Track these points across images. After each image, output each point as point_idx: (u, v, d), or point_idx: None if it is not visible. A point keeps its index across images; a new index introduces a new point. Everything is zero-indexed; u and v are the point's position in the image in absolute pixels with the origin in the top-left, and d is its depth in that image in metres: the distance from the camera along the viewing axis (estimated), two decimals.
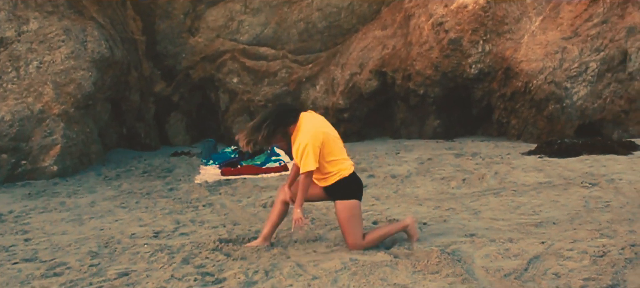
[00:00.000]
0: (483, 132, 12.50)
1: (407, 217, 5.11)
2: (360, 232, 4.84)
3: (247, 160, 9.84)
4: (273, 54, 12.10)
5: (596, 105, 11.12)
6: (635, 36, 11.16)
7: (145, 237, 5.66)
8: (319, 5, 12.11)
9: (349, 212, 4.79)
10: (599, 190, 6.60)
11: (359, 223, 4.84)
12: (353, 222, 4.80)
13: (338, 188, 4.80)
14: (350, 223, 4.80)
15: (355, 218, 4.81)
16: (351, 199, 4.81)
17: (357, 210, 4.83)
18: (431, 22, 11.26)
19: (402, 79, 11.85)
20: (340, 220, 4.84)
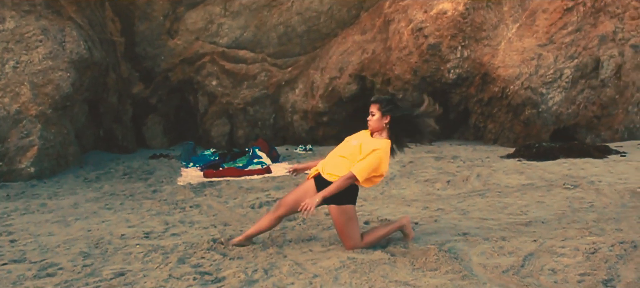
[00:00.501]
0: (459, 136, 12.65)
1: (402, 217, 5.15)
2: (358, 234, 4.86)
3: (228, 163, 9.81)
4: (252, 57, 12.09)
5: (570, 110, 11.38)
6: (607, 44, 11.46)
7: (136, 237, 5.60)
8: (298, 10, 12.14)
9: (345, 215, 4.79)
10: (581, 191, 6.76)
11: (356, 225, 4.86)
12: (351, 225, 4.80)
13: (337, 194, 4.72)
14: (349, 227, 4.79)
15: (352, 222, 4.81)
16: (347, 204, 4.81)
17: (353, 213, 4.84)
18: (411, 27, 11.39)
19: (381, 83, 11.95)
20: (337, 225, 4.81)
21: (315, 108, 12.09)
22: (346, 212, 4.77)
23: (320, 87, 12.09)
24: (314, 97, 12.17)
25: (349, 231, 4.80)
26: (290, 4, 12.11)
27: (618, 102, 11.68)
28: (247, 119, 12.11)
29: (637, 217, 5.54)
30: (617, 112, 11.74)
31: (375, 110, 4.79)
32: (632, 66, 11.67)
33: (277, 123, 12.33)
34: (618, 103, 11.69)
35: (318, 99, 12.10)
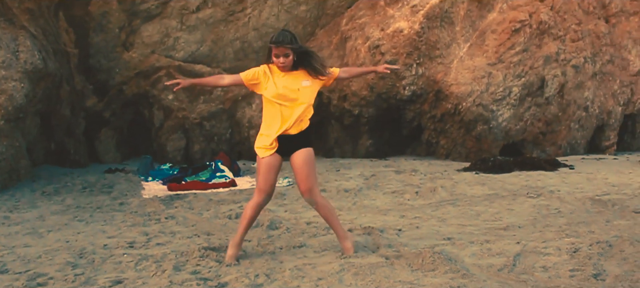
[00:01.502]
0: (412, 151, 12.99)
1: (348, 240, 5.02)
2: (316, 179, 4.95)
3: (190, 176, 9.72)
4: (208, 71, 12.04)
5: (518, 126, 11.92)
6: (551, 64, 12.11)
7: (120, 247, 5.51)
8: (255, 25, 12.22)
9: (311, 156, 4.90)
10: (545, 199, 7.12)
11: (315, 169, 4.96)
12: (313, 166, 4.91)
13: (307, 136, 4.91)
14: (311, 167, 4.87)
15: (314, 163, 4.93)
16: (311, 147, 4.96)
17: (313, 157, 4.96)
18: (368, 44, 11.67)
19: (338, 99, 12.15)
20: (301, 164, 4.82)
21: None
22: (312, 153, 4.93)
23: None
24: None
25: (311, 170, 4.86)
26: (247, 19, 12.17)
27: (561, 119, 12.33)
28: (203, 133, 12.03)
29: (604, 221, 5.90)
30: (561, 128, 12.38)
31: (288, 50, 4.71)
32: (573, 85, 12.36)
33: (234, 138, 12.31)
34: (561, 120, 12.34)
35: None
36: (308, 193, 4.87)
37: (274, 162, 4.92)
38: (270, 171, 4.91)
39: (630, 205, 6.67)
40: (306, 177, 4.83)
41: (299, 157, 4.87)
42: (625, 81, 13.11)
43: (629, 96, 13.14)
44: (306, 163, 4.85)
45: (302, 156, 4.87)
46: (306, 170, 4.84)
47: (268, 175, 4.90)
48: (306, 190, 4.86)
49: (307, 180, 4.84)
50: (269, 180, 4.91)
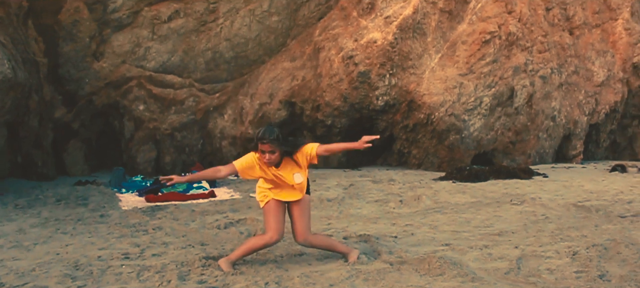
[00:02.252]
0: (383, 161, 13.09)
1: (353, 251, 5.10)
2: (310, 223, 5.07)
3: (167, 188, 9.55)
4: (180, 82, 11.91)
5: (489, 136, 12.16)
6: (520, 75, 12.41)
7: (115, 258, 5.37)
8: (226, 36, 12.15)
9: (308, 204, 5.04)
10: (529, 206, 7.27)
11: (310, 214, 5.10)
12: (309, 212, 5.05)
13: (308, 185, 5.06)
14: (309, 215, 5.01)
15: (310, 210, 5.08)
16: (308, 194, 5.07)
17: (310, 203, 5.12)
18: (342, 55, 11.74)
19: (311, 109, 12.16)
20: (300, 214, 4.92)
21: (245, 134, 12.07)
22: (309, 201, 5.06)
23: (249, 113, 12.11)
24: (244, 122, 12.16)
25: (308, 218, 4.99)
26: (218, 29, 12.10)
27: (530, 129, 12.63)
28: (174, 144, 11.86)
29: (593, 226, 6.07)
30: (530, 138, 12.68)
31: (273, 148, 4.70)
32: (541, 95, 12.69)
33: (205, 149, 12.17)
34: (530, 129, 12.64)
35: (248, 124, 12.10)
36: (303, 240, 4.97)
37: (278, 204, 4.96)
38: (278, 212, 4.92)
39: (613, 211, 6.87)
40: (304, 226, 4.94)
41: (299, 205, 4.94)
42: (589, 91, 13.54)
43: (594, 106, 13.57)
44: (304, 213, 4.96)
45: (301, 206, 4.94)
46: (304, 221, 4.94)
47: (277, 216, 4.91)
48: (303, 239, 4.96)
49: (304, 229, 4.94)
50: (279, 218, 4.91)
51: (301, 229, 4.93)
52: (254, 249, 4.96)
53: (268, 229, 4.90)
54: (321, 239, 5.11)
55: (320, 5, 12.93)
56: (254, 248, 4.95)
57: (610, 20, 14.41)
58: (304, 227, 4.94)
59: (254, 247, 4.95)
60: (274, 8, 12.42)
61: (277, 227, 4.87)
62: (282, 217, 4.92)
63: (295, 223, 4.96)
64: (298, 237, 4.96)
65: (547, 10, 13.51)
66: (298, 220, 4.94)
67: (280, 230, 4.88)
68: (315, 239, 5.04)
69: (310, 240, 5.00)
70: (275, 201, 4.90)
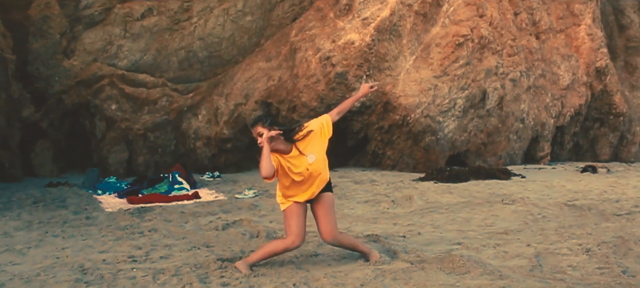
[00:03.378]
0: (356, 162, 13.09)
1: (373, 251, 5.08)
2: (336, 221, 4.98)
3: (147, 189, 9.31)
4: (153, 81, 11.62)
5: (463, 137, 12.33)
6: (491, 78, 12.63)
7: (122, 262, 5.18)
8: (200, 35, 11.92)
9: (333, 201, 4.93)
10: (521, 206, 7.38)
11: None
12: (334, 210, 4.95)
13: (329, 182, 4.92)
14: (334, 212, 4.91)
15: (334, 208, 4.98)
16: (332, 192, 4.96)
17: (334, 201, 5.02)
18: (319, 56, 11.69)
19: (287, 110, 12.06)
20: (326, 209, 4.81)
21: (220, 134, 11.88)
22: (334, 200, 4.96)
23: (225, 113, 11.92)
24: (218, 123, 11.96)
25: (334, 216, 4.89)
26: (192, 28, 11.87)
27: (501, 131, 12.87)
28: (147, 145, 11.55)
29: (593, 224, 6.21)
30: (500, 139, 12.92)
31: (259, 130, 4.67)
32: (511, 98, 12.96)
33: (178, 149, 11.91)
34: (501, 131, 12.88)
35: (223, 125, 11.91)
36: (331, 238, 4.85)
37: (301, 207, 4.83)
38: (300, 215, 4.78)
39: (606, 209, 7.05)
40: (331, 223, 4.82)
41: (324, 203, 4.83)
42: (556, 94, 13.90)
43: (560, 109, 13.94)
44: (330, 210, 4.84)
45: (326, 202, 4.83)
46: (332, 219, 4.83)
47: (299, 219, 4.77)
48: (331, 236, 4.84)
49: (332, 227, 4.82)
50: (301, 222, 4.77)
51: (329, 228, 4.81)
52: (275, 253, 4.85)
53: (289, 233, 4.78)
54: (347, 238, 5.03)
55: (294, 6, 12.85)
56: (274, 252, 4.84)
57: (573, 25, 14.84)
58: (333, 226, 4.84)
59: (274, 251, 4.84)
60: (248, 8, 12.26)
61: (299, 231, 4.75)
62: (303, 220, 4.79)
63: (322, 222, 4.84)
64: (326, 236, 4.84)
65: (515, 14, 13.81)
66: (324, 218, 4.82)
67: (302, 234, 4.76)
68: (343, 238, 4.95)
69: (339, 239, 4.89)
70: (296, 204, 4.78)
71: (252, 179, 10.76)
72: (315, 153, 4.79)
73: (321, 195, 4.82)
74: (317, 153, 4.80)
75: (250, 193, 8.97)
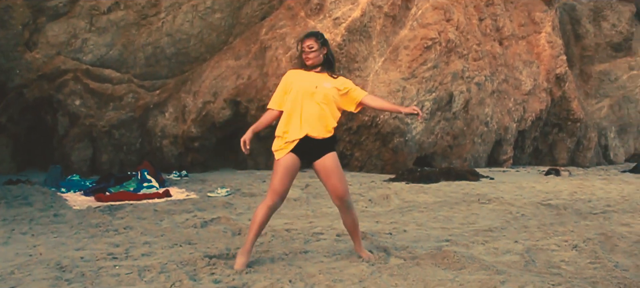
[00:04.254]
0: None
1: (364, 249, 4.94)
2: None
3: (114, 187, 9.02)
4: (118, 77, 11.29)
5: (430, 139, 12.41)
6: (458, 81, 12.78)
7: (101, 259, 4.95)
8: (168, 31, 11.66)
9: (338, 160, 4.72)
10: (499, 205, 7.44)
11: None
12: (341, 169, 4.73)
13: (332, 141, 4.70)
14: (341, 169, 4.71)
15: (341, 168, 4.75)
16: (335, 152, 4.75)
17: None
18: (289, 54, 11.58)
19: (256, 109, 11.90)
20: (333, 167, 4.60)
21: (188, 133, 11.64)
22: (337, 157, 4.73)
23: (192, 111, 11.69)
24: (186, 121, 11.72)
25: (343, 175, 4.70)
26: (160, 24, 11.59)
27: (466, 134, 13.03)
28: (111, 142, 11.22)
29: (572, 222, 6.29)
30: (466, 142, 13.07)
31: (313, 42, 4.62)
32: (476, 101, 13.13)
33: (144, 148, 11.60)
34: (466, 134, 13.03)
35: (190, 123, 11.68)
36: (347, 195, 4.64)
37: (292, 165, 4.62)
38: (288, 173, 4.61)
39: (580, 208, 7.17)
40: (342, 179, 4.62)
41: (328, 160, 4.62)
42: (518, 99, 14.16)
43: (522, 113, 14.20)
44: (337, 165, 4.64)
45: (331, 159, 4.62)
46: (339, 173, 4.62)
47: (285, 178, 4.60)
48: (345, 192, 4.62)
49: (343, 183, 4.62)
50: (285, 183, 4.60)
51: (341, 185, 4.57)
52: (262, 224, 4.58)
53: (268, 192, 4.60)
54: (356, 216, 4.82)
55: (263, 5, 12.70)
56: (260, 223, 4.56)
57: (534, 33, 15.17)
58: (341, 180, 4.59)
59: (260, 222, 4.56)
60: (217, 5, 12.06)
61: (279, 189, 4.54)
62: (288, 179, 4.57)
63: (330, 177, 4.58)
64: (339, 194, 4.58)
65: (480, 20, 14.02)
66: (333, 176, 4.57)
67: (280, 192, 4.54)
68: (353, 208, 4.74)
69: (350, 202, 4.67)
70: (286, 160, 4.56)
71: (221, 178, 10.57)
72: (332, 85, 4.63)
73: (325, 155, 4.61)
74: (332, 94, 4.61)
75: (222, 191, 8.79)
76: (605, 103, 17.20)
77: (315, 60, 4.64)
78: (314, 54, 4.63)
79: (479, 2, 13.94)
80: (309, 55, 4.63)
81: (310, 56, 4.63)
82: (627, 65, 17.27)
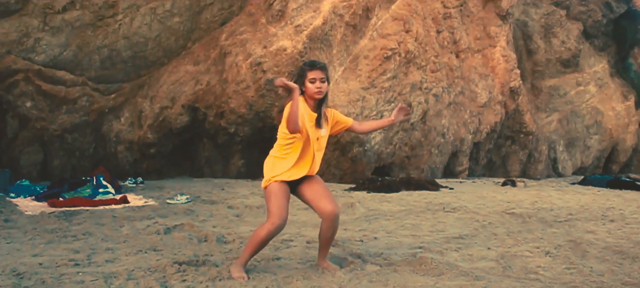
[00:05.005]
0: None
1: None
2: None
3: (68, 192, 8.66)
4: (72, 79, 10.89)
5: (389, 150, 12.44)
6: (416, 92, 12.86)
7: (63, 265, 4.69)
8: (125, 33, 11.33)
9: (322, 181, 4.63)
10: (464, 213, 7.46)
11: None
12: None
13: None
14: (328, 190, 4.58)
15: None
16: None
17: None
18: (250, 61, 11.42)
19: (214, 115, 11.70)
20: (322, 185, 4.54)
21: (144, 138, 11.32)
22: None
23: (149, 116, 11.38)
24: (142, 127, 11.40)
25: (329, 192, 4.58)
26: (117, 26, 11.26)
27: (423, 144, 13.11)
28: (63, 147, 10.81)
29: (540, 230, 6.35)
30: (423, 153, 13.15)
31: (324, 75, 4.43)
32: (434, 113, 13.24)
33: (98, 153, 11.23)
34: (423, 145, 13.12)
35: (147, 129, 11.37)
36: (338, 210, 4.49)
37: (286, 188, 4.46)
38: (281, 196, 4.38)
39: (544, 217, 7.25)
40: (331, 196, 4.51)
41: (316, 182, 4.54)
42: (474, 111, 14.36)
43: (477, 125, 14.40)
44: (325, 187, 4.57)
45: (319, 181, 4.56)
46: (329, 193, 4.53)
47: (283, 200, 4.38)
48: (335, 207, 4.45)
49: (333, 199, 4.50)
50: (284, 205, 4.37)
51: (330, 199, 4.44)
52: (261, 242, 4.35)
53: (268, 215, 4.36)
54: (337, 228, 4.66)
55: (223, 10, 12.51)
56: (259, 241, 4.34)
57: (489, 46, 15.44)
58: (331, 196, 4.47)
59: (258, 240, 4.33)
60: (177, 9, 11.81)
61: (279, 211, 4.30)
62: (285, 201, 4.36)
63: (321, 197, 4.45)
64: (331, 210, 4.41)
65: (438, 32, 14.17)
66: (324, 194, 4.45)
67: (282, 214, 4.30)
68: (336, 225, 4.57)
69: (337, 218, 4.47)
70: (278, 183, 4.37)
71: (179, 186, 10.31)
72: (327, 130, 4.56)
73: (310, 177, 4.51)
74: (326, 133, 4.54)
75: (182, 198, 8.55)
76: (555, 117, 17.64)
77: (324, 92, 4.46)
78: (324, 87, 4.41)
79: (437, 14, 14.10)
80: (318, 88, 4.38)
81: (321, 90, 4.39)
82: (575, 81, 17.79)
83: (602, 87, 18.11)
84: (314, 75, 4.36)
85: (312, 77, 4.36)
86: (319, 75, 4.37)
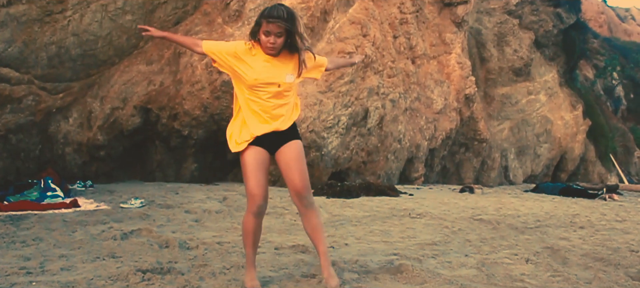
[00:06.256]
0: (234, 177, 12.58)
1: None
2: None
3: (14, 196, 8.12)
4: (17, 77, 10.28)
5: (345, 155, 12.27)
6: (373, 97, 12.75)
7: (14, 274, 4.29)
8: (74, 30, 10.80)
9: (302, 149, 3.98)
10: (431, 219, 7.33)
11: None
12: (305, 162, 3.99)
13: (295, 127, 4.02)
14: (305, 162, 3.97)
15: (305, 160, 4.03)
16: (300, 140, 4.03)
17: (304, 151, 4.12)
18: (205, 62, 11.07)
19: (167, 117, 11.29)
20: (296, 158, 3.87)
21: (94, 140, 10.81)
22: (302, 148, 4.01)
23: (99, 117, 10.87)
24: (91, 128, 10.88)
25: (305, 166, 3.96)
26: (66, 22, 10.72)
27: (380, 150, 13.01)
28: (7, 148, 10.19)
29: (513, 237, 6.26)
30: (379, 158, 13.05)
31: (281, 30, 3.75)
32: (391, 118, 13.16)
33: (44, 155, 10.64)
34: (380, 150, 13.01)
35: (96, 130, 10.85)
36: (306, 191, 3.89)
37: (261, 157, 3.87)
38: (259, 168, 3.83)
39: (513, 224, 7.19)
40: (303, 172, 3.88)
41: (291, 149, 3.87)
42: (429, 118, 14.37)
43: (433, 132, 14.41)
44: (301, 156, 3.91)
45: (294, 148, 3.88)
46: (302, 165, 3.89)
47: (258, 173, 3.82)
48: (304, 187, 3.87)
49: (304, 176, 3.87)
50: (261, 180, 3.83)
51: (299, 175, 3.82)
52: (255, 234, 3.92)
53: (248, 198, 3.84)
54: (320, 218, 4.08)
55: (177, 9, 12.11)
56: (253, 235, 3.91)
57: (445, 53, 15.52)
58: (303, 173, 3.86)
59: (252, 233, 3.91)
60: (129, 6, 11.34)
61: (257, 190, 3.79)
62: (262, 175, 3.84)
63: (290, 170, 3.84)
64: (298, 189, 3.85)
65: (395, 38, 14.14)
66: (294, 163, 3.83)
67: (260, 193, 3.79)
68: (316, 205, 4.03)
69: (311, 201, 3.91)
70: (253, 153, 3.82)
71: (131, 189, 9.85)
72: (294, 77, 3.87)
73: (289, 142, 3.91)
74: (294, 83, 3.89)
75: (137, 202, 8.13)
76: (506, 125, 17.89)
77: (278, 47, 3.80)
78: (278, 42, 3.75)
79: (394, 19, 14.06)
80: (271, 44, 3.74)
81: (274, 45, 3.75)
82: (526, 89, 18.09)
83: (552, 96, 18.49)
84: (269, 28, 3.71)
85: (267, 30, 3.73)
86: (275, 30, 3.71)
